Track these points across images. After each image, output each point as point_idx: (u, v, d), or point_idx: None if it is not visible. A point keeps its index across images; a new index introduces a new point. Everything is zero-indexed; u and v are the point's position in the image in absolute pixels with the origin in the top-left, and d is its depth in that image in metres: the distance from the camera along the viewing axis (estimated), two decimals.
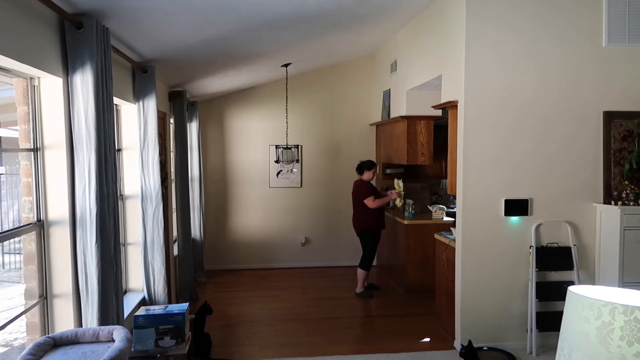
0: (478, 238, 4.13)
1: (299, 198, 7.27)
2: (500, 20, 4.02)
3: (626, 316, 1.21)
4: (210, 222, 7.10)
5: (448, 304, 4.49)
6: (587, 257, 4.21)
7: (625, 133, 4.16)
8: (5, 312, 5.01)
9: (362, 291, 5.91)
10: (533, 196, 4.14)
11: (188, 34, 3.91)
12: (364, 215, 5.81)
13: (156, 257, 4.21)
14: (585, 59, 4.11)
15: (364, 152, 7.12)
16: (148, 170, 4.13)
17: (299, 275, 6.87)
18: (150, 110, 4.13)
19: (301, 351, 4.23)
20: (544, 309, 4.12)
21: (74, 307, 2.88)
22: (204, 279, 6.53)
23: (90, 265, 2.84)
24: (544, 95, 4.09)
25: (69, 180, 2.83)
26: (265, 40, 4.68)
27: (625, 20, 4.07)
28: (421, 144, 5.87)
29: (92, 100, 2.79)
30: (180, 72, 5.26)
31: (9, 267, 6.52)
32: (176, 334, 3.05)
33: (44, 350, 2.45)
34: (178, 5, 3.17)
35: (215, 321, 5.06)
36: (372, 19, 4.94)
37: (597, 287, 1.44)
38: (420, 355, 4.14)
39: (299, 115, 7.12)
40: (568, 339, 1.35)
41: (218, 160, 7.17)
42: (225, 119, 7.15)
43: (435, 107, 4.72)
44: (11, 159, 5.24)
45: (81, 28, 2.75)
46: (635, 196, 4.03)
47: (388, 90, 6.41)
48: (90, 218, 2.82)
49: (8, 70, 2.54)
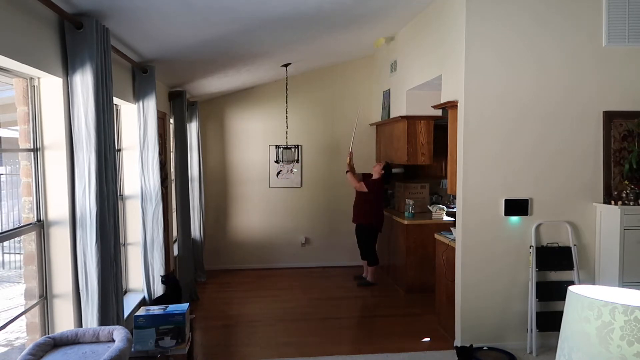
0: (478, 238, 4.13)
1: (299, 198, 7.27)
2: (500, 21, 4.02)
3: (626, 316, 1.22)
4: (210, 222, 7.10)
5: (448, 304, 4.49)
6: (587, 257, 4.21)
7: (625, 133, 4.16)
8: (6, 312, 5.00)
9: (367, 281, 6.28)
10: (533, 196, 4.14)
11: (188, 34, 3.91)
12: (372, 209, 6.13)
13: (156, 257, 4.22)
14: (585, 59, 4.11)
15: (364, 152, 7.13)
16: (148, 170, 4.13)
17: (299, 275, 6.86)
18: (150, 110, 4.14)
19: (301, 351, 4.23)
20: (544, 309, 4.12)
21: (74, 307, 2.88)
22: (204, 279, 6.53)
23: (90, 265, 2.84)
24: (544, 95, 4.09)
25: (69, 180, 2.83)
26: (265, 40, 4.68)
27: (625, 20, 4.07)
28: (421, 144, 5.87)
29: (92, 101, 2.79)
30: (180, 72, 5.25)
31: (9, 267, 6.52)
32: (176, 334, 3.05)
33: (44, 351, 2.45)
34: (178, 6, 3.17)
35: (215, 321, 5.07)
36: (372, 19, 4.94)
37: (597, 287, 1.44)
38: (420, 355, 4.14)
39: (298, 115, 7.12)
40: (568, 338, 1.35)
41: (218, 160, 7.16)
42: (225, 119, 7.15)
43: (435, 107, 4.73)
44: (11, 159, 5.24)
45: (81, 28, 2.76)
46: (635, 196, 4.03)
47: (388, 90, 6.41)
48: (90, 218, 2.82)
49: (8, 70, 2.54)
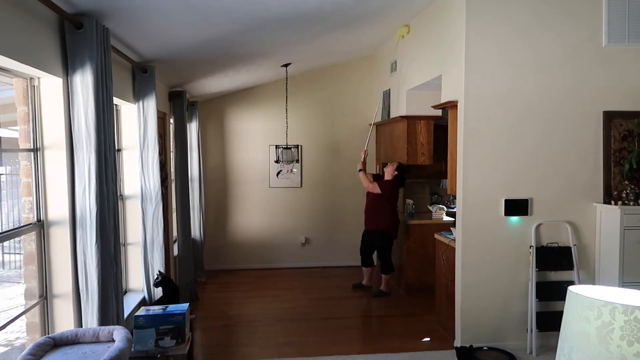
0: (478, 238, 4.13)
1: (299, 198, 7.27)
2: (499, 20, 4.02)
3: (626, 316, 1.21)
4: (210, 222, 7.10)
5: (448, 304, 4.49)
6: (587, 257, 4.21)
7: (625, 133, 4.16)
8: (6, 312, 5.00)
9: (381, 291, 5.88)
10: (533, 196, 4.14)
11: (188, 34, 3.91)
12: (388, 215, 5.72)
13: (156, 257, 4.21)
14: (585, 58, 4.11)
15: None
16: (148, 171, 4.13)
17: (299, 275, 6.86)
18: (150, 110, 4.14)
19: (301, 351, 4.23)
20: (544, 309, 4.12)
21: (74, 307, 2.88)
22: (204, 279, 6.53)
23: (90, 265, 2.84)
24: (543, 95, 4.09)
25: (69, 180, 2.83)
26: (265, 40, 4.68)
27: (625, 20, 4.07)
28: (421, 144, 5.87)
29: (92, 101, 2.79)
30: (180, 72, 5.25)
31: (9, 267, 6.52)
32: (176, 334, 3.05)
33: (44, 351, 2.45)
34: (178, 5, 3.17)
35: (215, 321, 5.07)
36: (371, 19, 4.94)
37: (597, 287, 1.44)
38: (420, 355, 4.14)
39: (299, 115, 7.12)
40: (568, 338, 1.35)
41: (218, 160, 7.16)
42: (225, 119, 7.15)
43: (435, 107, 4.72)
44: (11, 159, 5.24)
45: (81, 28, 2.76)
46: (635, 196, 4.03)
47: (388, 90, 6.41)
48: (90, 218, 2.82)
49: (8, 70, 2.54)
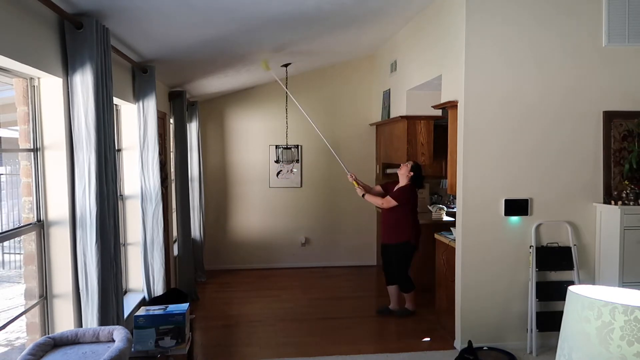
0: (478, 238, 4.13)
1: (299, 198, 7.26)
2: (500, 20, 4.02)
3: (626, 316, 1.21)
4: (210, 222, 7.09)
5: (448, 304, 4.49)
6: (587, 257, 4.21)
7: (625, 133, 4.16)
8: (6, 312, 5.00)
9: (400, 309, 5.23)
10: (533, 196, 4.14)
11: (188, 34, 3.91)
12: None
13: (156, 257, 4.21)
14: (585, 58, 4.11)
15: (364, 152, 7.14)
16: (148, 171, 4.13)
17: (299, 275, 6.86)
18: (150, 110, 4.14)
19: (301, 351, 4.23)
20: (544, 309, 4.12)
21: (74, 307, 2.88)
22: (204, 279, 6.53)
23: (90, 265, 2.84)
24: (544, 94, 4.09)
25: (69, 180, 2.83)
26: (265, 41, 4.68)
27: (625, 20, 4.07)
28: (421, 144, 5.87)
29: (92, 101, 2.79)
30: (180, 72, 5.25)
31: (9, 267, 6.52)
32: (176, 334, 3.05)
33: (44, 351, 2.45)
34: (178, 6, 3.17)
35: (215, 321, 5.07)
36: (371, 19, 4.94)
37: (597, 287, 1.44)
38: (420, 355, 4.14)
39: (299, 115, 7.07)
40: (568, 338, 1.35)
41: (218, 160, 7.16)
42: (225, 119, 7.15)
43: (435, 107, 4.72)
44: (11, 159, 5.24)
45: (81, 28, 2.75)
46: (635, 196, 4.03)
47: (388, 90, 6.41)
48: (90, 218, 2.82)
49: (8, 71, 2.54)
